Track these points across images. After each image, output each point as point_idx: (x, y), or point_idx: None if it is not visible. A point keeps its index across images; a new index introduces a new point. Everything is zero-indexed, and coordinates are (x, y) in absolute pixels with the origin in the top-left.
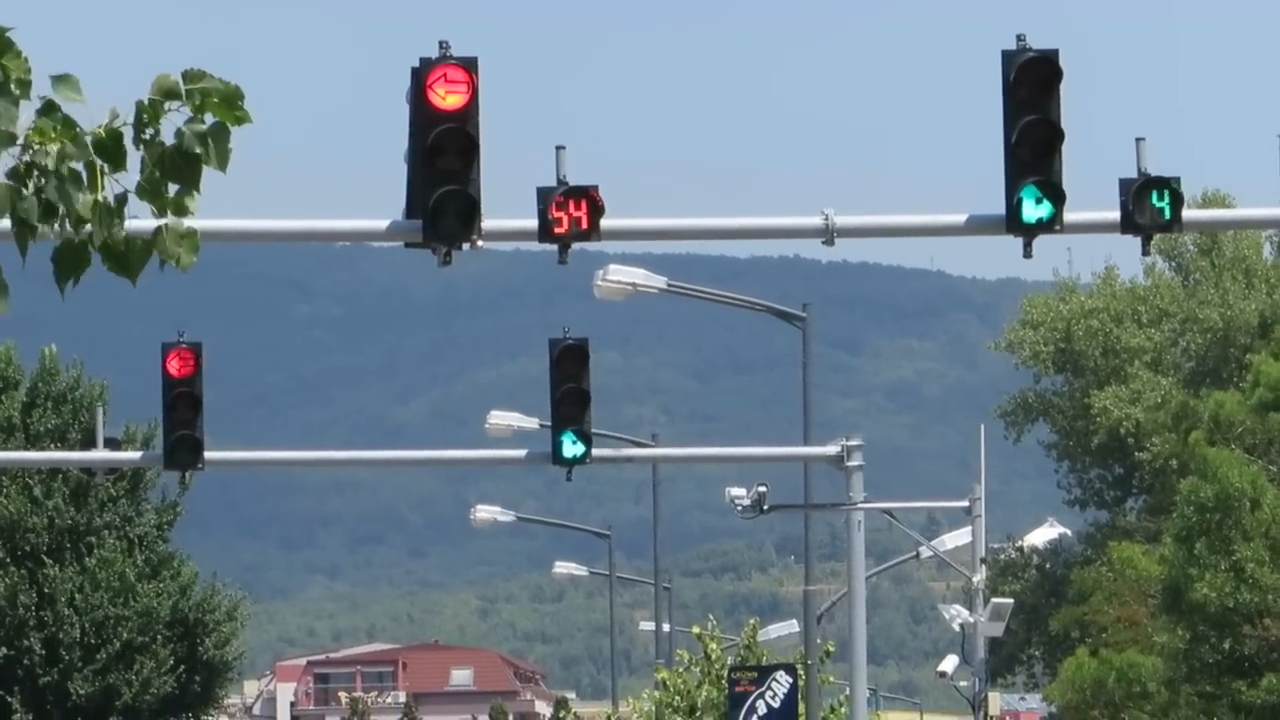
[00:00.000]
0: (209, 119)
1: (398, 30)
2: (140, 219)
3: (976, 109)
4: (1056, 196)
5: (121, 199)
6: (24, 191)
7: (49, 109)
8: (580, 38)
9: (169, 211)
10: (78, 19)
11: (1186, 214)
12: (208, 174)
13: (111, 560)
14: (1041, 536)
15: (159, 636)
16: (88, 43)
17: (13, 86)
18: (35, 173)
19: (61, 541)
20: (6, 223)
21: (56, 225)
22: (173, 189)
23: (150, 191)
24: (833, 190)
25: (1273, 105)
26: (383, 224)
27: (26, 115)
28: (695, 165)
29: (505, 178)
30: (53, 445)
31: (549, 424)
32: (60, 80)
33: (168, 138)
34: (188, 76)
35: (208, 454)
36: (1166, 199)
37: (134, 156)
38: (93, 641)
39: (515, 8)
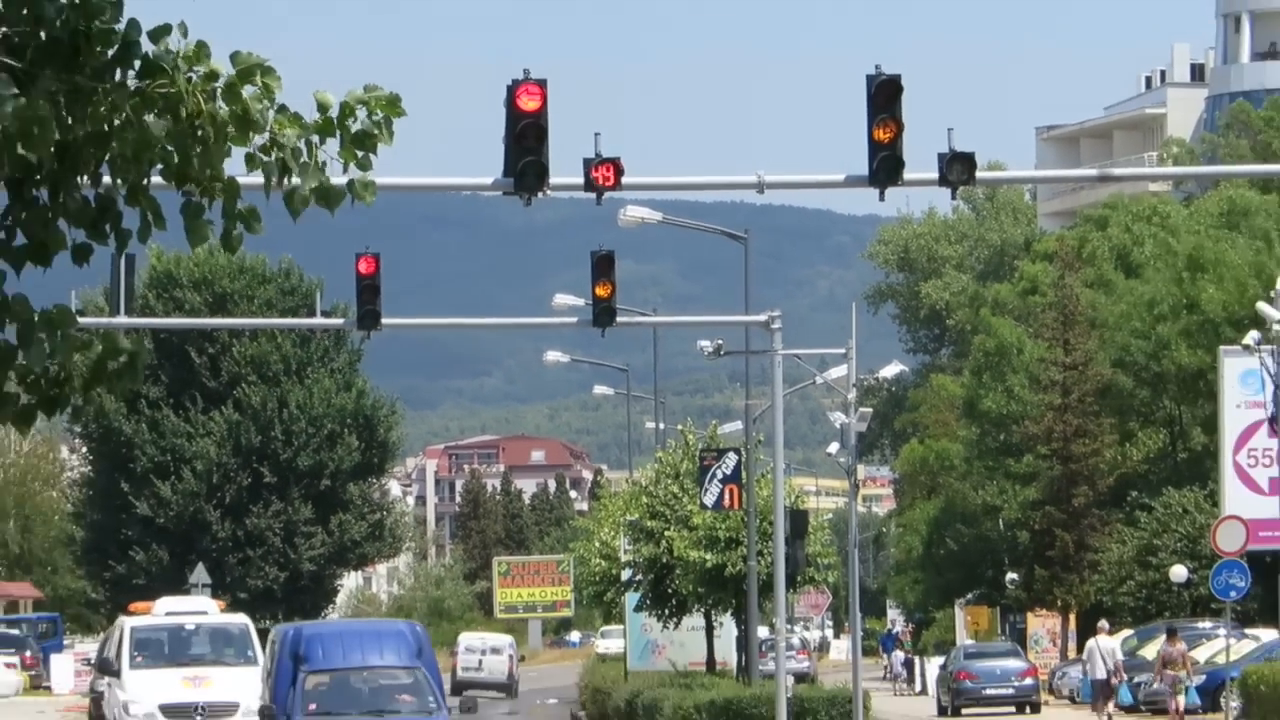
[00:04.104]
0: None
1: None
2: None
3: (854, 110)
4: (899, 165)
5: (326, 163)
6: (266, 159)
7: (282, 109)
8: (625, 54)
9: (357, 168)
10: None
11: (978, 175)
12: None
13: (320, 384)
14: (890, 371)
15: (350, 427)
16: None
17: (266, 97)
18: (275, 147)
19: (292, 369)
20: (254, 179)
21: (288, 179)
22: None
23: (347, 154)
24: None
25: (1032, 103)
26: (489, 179)
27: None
28: (701, 132)
29: (563, 150)
30: (291, 315)
31: (591, 302)
32: (268, 72)
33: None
34: (367, 88)
35: (384, 320)
36: (965, 166)
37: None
38: (310, 430)
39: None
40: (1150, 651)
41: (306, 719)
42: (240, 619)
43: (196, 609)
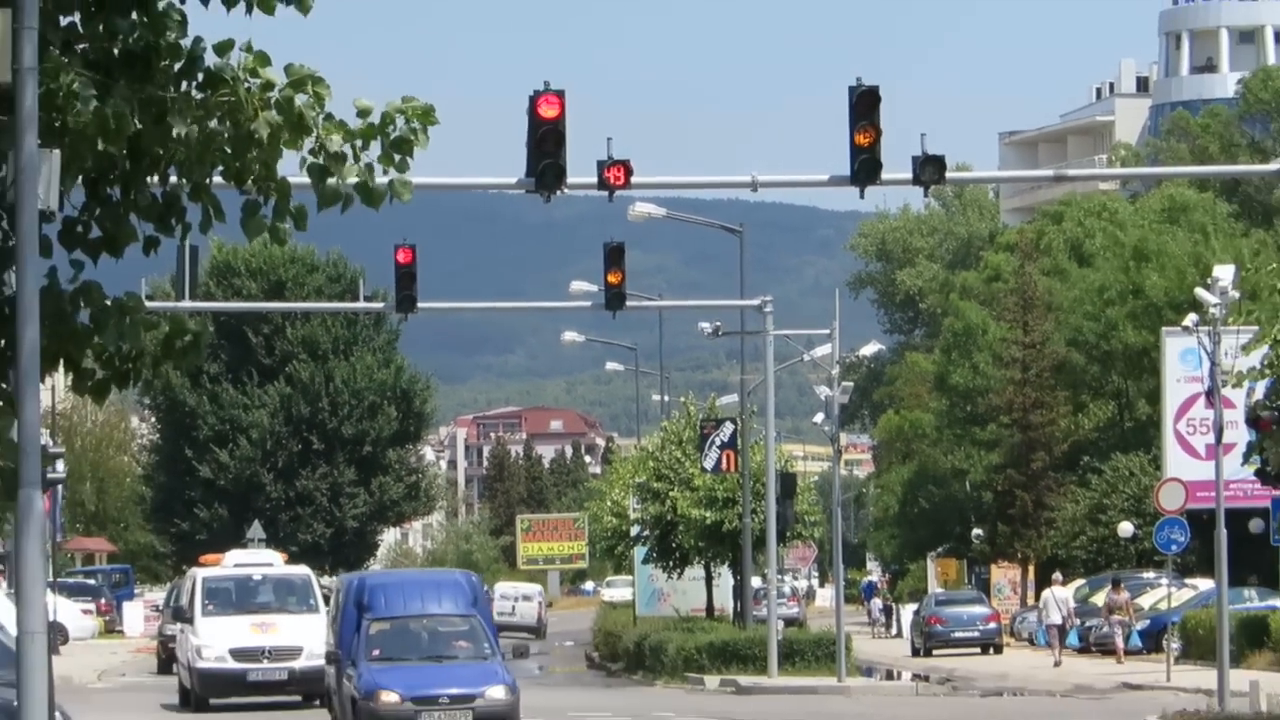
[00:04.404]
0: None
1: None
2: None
3: (838, 118)
4: (877, 166)
5: (370, 165)
6: (316, 161)
7: (329, 117)
8: (635, 64)
9: (396, 170)
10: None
11: (948, 175)
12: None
13: (363, 361)
14: (869, 349)
15: (389, 399)
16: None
17: (316, 105)
18: (323, 151)
19: (338, 348)
20: (303, 179)
21: (331, 179)
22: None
23: (386, 158)
24: (761, 156)
25: (995, 111)
26: (513, 179)
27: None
28: (702, 136)
29: (579, 151)
30: (337, 299)
31: (603, 288)
32: (319, 82)
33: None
34: (405, 99)
35: (419, 304)
36: (935, 167)
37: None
38: (354, 402)
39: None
40: (1099, 599)
41: (370, 664)
42: (302, 570)
43: (262, 561)
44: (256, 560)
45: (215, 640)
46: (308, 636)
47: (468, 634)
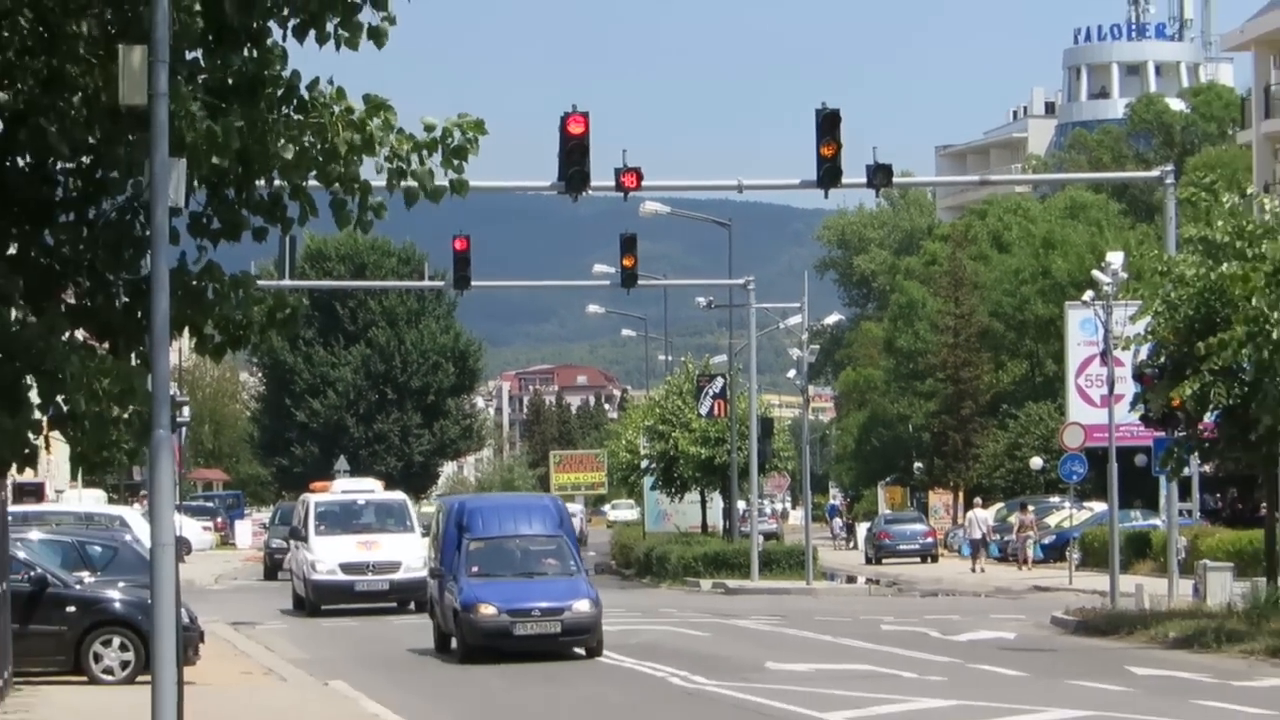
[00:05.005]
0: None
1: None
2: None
3: (808, 134)
4: (838, 173)
5: (431, 171)
6: (384, 165)
7: (399, 132)
8: (649, 84)
9: (453, 173)
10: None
11: (895, 180)
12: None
13: (428, 328)
14: (832, 319)
15: (448, 358)
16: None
17: (386, 126)
18: (395, 158)
19: (409, 317)
20: (380, 181)
21: (404, 180)
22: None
23: (447, 163)
24: (746, 164)
25: (932, 129)
26: (547, 183)
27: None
28: (700, 147)
29: (600, 160)
30: (407, 279)
31: (619, 270)
32: (389, 109)
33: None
34: (460, 116)
35: (472, 282)
36: (885, 174)
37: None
38: (420, 361)
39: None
40: (1013, 520)
41: (469, 579)
42: (399, 495)
43: (365, 488)
44: (360, 487)
45: (327, 556)
46: (405, 552)
47: (556, 553)
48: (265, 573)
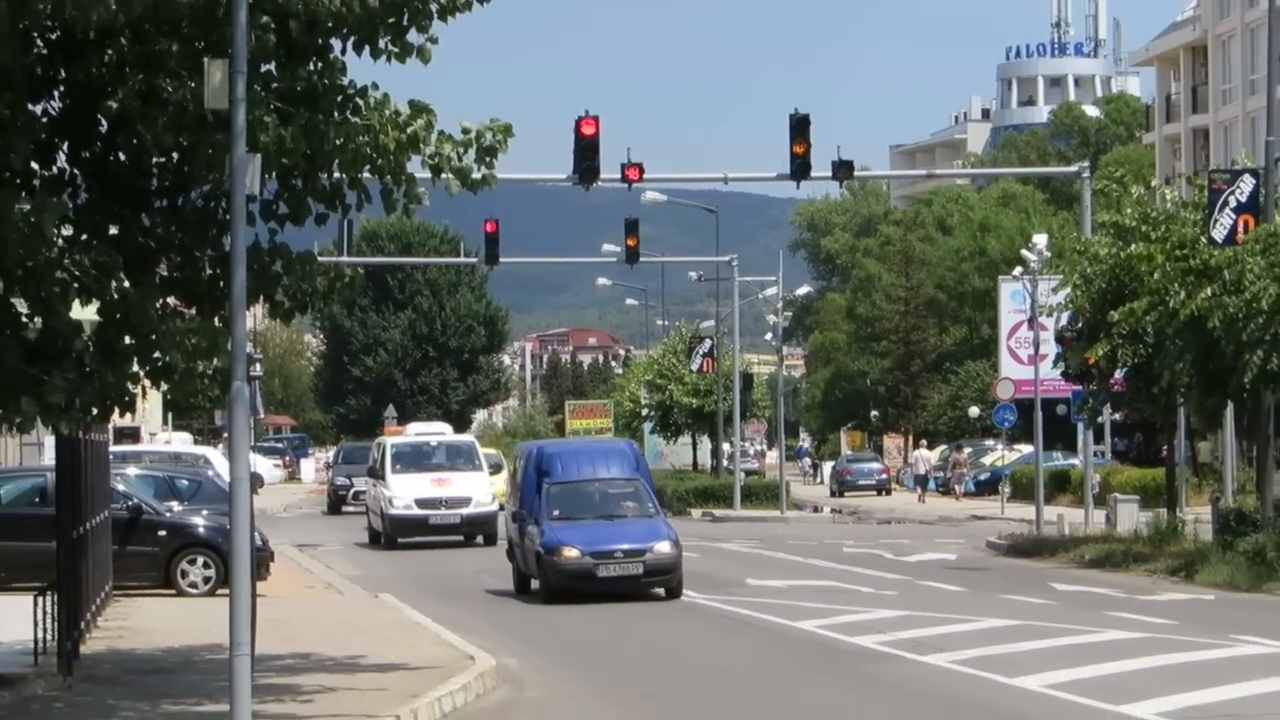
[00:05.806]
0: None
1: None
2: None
3: (783, 133)
4: (808, 167)
5: (466, 166)
6: (428, 161)
7: (441, 133)
8: (650, 90)
9: (486, 168)
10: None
11: (856, 173)
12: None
13: (464, 297)
14: (802, 291)
15: (480, 322)
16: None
17: (428, 128)
18: (438, 155)
19: (448, 287)
20: (425, 174)
21: (442, 174)
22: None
23: (480, 159)
24: (731, 158)
25: (887, 128)
26: (563, 175)
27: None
28: (693, 142)
29: (608, 155)
30: (447, 255)
31: (625, 249)
32: (430, 112)
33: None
34: (492, 120)
35: (501, 259)
36: (847, 168)
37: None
38: (457, 324)
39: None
40: (950, 459)
41: (551, 522)
42: (468, 437)
43: (436, 431)
44: (432, 430)
45: (403, 492)
46: (474, 489)
47: (634, 495)
48: (329, 506)
